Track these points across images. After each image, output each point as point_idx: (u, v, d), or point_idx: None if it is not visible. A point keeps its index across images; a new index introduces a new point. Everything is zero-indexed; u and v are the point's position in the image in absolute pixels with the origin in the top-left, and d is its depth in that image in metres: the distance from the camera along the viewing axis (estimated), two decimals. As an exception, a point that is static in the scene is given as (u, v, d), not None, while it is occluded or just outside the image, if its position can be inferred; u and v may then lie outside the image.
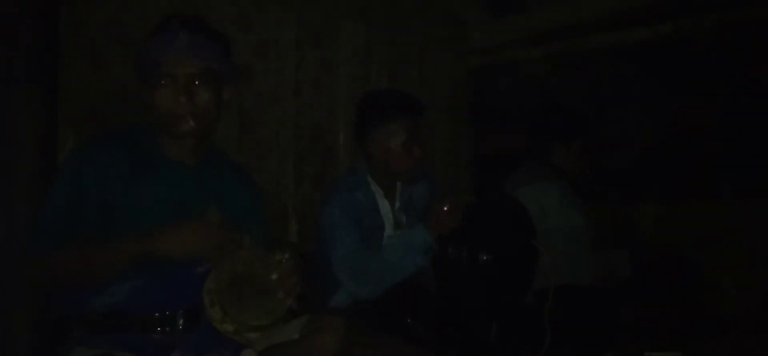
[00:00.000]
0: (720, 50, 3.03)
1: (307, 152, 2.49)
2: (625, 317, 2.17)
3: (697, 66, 3.12)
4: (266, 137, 2.37)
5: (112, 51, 1.86)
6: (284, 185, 2.41)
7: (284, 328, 1.42)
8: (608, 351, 2.02)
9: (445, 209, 1.81)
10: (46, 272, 1.35)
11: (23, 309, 1.65)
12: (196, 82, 1.43)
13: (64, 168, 1.43)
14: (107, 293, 1.36)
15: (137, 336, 1.35)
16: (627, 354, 2.06)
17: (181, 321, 1.39)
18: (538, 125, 2.60)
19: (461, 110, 3.21)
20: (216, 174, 1.55)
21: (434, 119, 2.87)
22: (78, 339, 1.35)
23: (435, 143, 2.96)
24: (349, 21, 2.67)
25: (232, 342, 1.36)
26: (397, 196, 2.05)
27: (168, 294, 1.39)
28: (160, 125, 1.47)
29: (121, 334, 1.35)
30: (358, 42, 2.70)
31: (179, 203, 1.45)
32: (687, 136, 3.28)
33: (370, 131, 1.96)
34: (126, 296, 1.37)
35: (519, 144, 2.86)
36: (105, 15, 1.87)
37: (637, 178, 3.38)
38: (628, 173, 3.39)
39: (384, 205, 2.01)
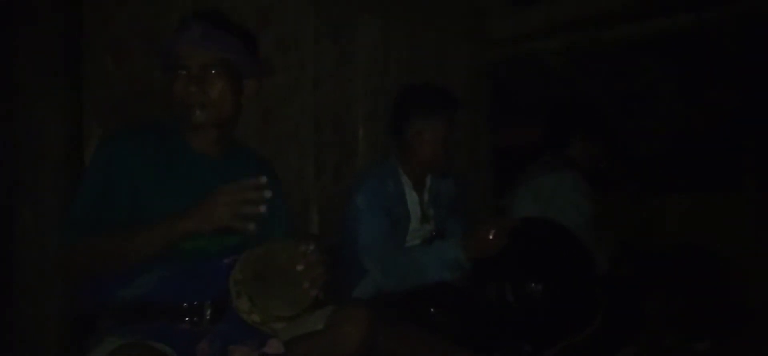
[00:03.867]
0: (744, 41, 2.99)
1: (327, 144, 2.50)
2: (650, 309, 2.15)
3: (720, 57, 3.08)
4: (286, 131, 2.37)
5: (135, 46, 1.87)
6: (305, 178, 2.42)
7: (309, 318, 1.43)
8: (629, 343, 2.00)
9: (490, 236, 1.74)
10: (77, 262, 1.36)
11: (51, 300, 1.67)
12: (209, 73, 1.45)
13: (95, 159, 1.45)
14: (136, 284, 1.38)
15: (165, 326, 1.37)
16: (653, 346, 2.04)
17: (208, 312, 1.41)
18: (555, 117, 2.59)
19: (480, 103, 3.20)
20: (240, 167, 1.56)
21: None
22: (106, 330, 1.37)
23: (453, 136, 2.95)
24: (367, 14, 2.66)
25: (259, 332, 1.37)
26: (425, 189, 2.05)
27: (195, 284, 1.41)
28: (180, 117, 1.49)
29: (149, 324, 1.36)
30: (376, 35, 2.70)
31: (204, 195, 1.45)
32: (710, 128, 3.24)
33: (410, 122, 1.98)
34: (154, 286, 1.38)
35: (538, 137, 2.84)
36: (128, 11, 1.88)
37: (660, 170, 3.35)
38: (652, 165, 3.35)
39: (412, 197, 2.02)
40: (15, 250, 1.64)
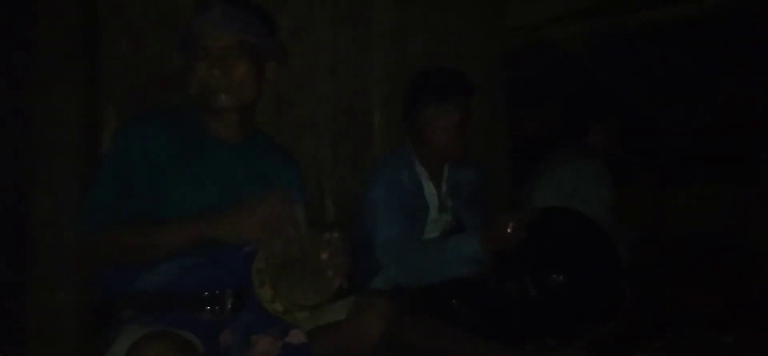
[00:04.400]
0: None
1: (343, 132, 2.45)
2: (673, 300, 2.10)
3: (745, 44, 3.01)
4: (302, 118, 2.33)
5: (150, 31, 1.84)
6: (321, 166, 2.38)
7: (332, 309, 1.40)
8: (655, 335, 1.96)
9: (509, 229, 1.70)
10: (96, 253, 1.34)
11: (67, 289, 1.65)
12: (231, 56, 1.41)
13: (113, 145, 1.42)
14: (156, 272, 1.35)
15: (186, 315, 1.34)
16: (676, 338, 2.00)
17: (229, 301, 1.38)
18: (574, 105, 2.54)
19: (497, 90, 3.14)
20: (261, 154, 1.53)
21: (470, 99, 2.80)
22: (127, 320, 1.34)
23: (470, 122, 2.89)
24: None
25: (281, 322, 1.34)
26: (443, 179, 2.00)
27: (217, 273, 1.38)
28: (199, 101, 1.45)
29: (171, 314, 1.33)
30: (392, 21, 2.65)
31: (226, 181, 1.43)
32: (734, 117, 3.18)
33: (422, 109, 1.92)
34: (175, 275, 1.36)
35: (554, 125, 2.80)
36: (142, -5, 1.84)
37: (680, 160, 3.29)
38: (671, 154, 3.30)
39: (429, 187, 1.97)
40: (31, 238, 1.61)
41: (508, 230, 1.71)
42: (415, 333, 1.54)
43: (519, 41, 3.24)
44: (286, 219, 1.28)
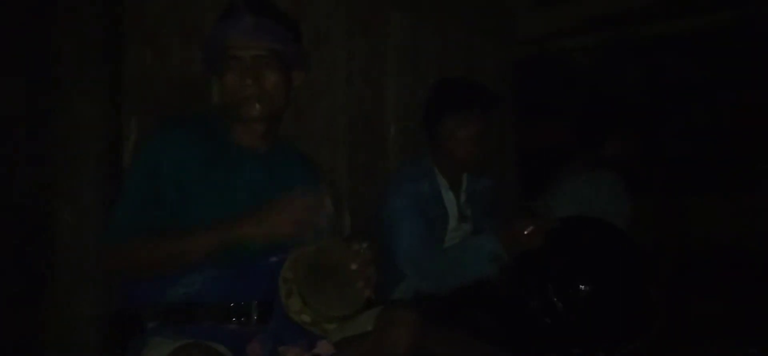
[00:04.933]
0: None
1: (359, 142, 2.45)
2: (696, 312, 2.10)
3: (752, 56, 3.02)
4: (319, 128, 2.33)
5: (173, 40, 1.84)
6: (337, 176, 2.37)
7: (359, 320, 1.39)
8: (678, 348, 1.95)
9: (526, 233, 1.71)
10: (125, 261, 1.33)
11: (89, 300, 1.63)
12: (263, 65, 1.41)
13: (140, 155, 1.42)
14: (181, 283, 1.35)
15: (212, 327, 1.33)
16: (700, 351, 1.98)
17: (255, 312, 1.37)
18: (591, 117, 2.54)
19: (508, 101, 3.15)
20: (286, 162, 1.53)
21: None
22: (152, 331, 1.34)
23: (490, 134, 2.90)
24: (398, 11, 2.62)
25: (308, 333, 1.33)
26: (462, 188, 2.00)
27: (242, 284, 1.37)
28: (228, 110, 1.45)
29: (196, 325, 1.33)
30: (407, 32, 2.66)
31: (252, 190, 1.43)
32: (743, 128, 3.19)
33: (444, 119, 1.92)
34: (200, 286, 1.35)
35: (567, 136, 2.80)
36: (164, 4, 1.85)
37: (689, 170, 3.30)
38: (680, 165, 3.30)
39: (449, 196, 1.97)
40: (54, 248, 1.60)
41: (526, 233, 1.71)
42: (441, 345, 1.53)
43: (528, 53, 3.25)
44: (316, 211, 1.26)
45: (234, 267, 1.36)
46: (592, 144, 2.48)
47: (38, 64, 1.57)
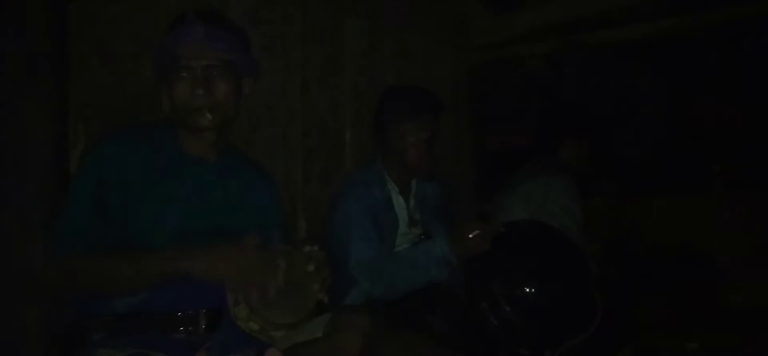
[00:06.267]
0: (722, 45, 3.05)
1: (315, 149, 2.47)
2: (640, 309, 2.17)
3: (699, 62, 3.14)
4: (274, 135, 2.33)
5: (122, 48, 1.82)
6: (293, 183, 2.38)
7: (308, 326, 1.40)
8: (626, 345, 2.02)
9: (470, 236, 1.75)
10: (69, 278, 1.31)
11: (35, 313, 1.60)
12: (214, 75, 1.41)
13: (83, 166, 1.40)
14: (128, 293, 1.33)
15: (160, 336, 1.32)
16: (644, 347, 2.05)
17: (204, 320, 1.37)
18: (547, 122, 2.60)
19: (464, 107, 3.20)
20: (236, 171, 1.53)
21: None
22: (98, 343, 1.32)
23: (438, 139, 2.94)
24: (354, 17, 2.64)
25: (257, 341, 1.33)
26: (411, 193, 2.03)
27: (190, 292, 1.36)
28: (178, 120, 1.44)
29: (143, 335, 1.31)
30: (363, 39, 2.68)
31: (202, 200, 1.43)
32: (688, 131, 3.31)
33: (394, 126, 1.95)
34: (147, 296, 1.33)
35: (522, 141, 2.86)
36: (114, 12, 1.83)
37: (639, 173, 3.40)
38: (630, 168, 3.40)
39: (399, 201, 2.00)
40: (-4, 259, 1.57)
41: (471, 236, 1.74)
42: (392, 349, 1.55)
43: (485, 59, 3.31)
44: (263, 266, 1.26)
45: (181, 276, 1.35)
46: (547, 148, 2.54)
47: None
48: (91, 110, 1.72)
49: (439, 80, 3.00)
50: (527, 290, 1.72)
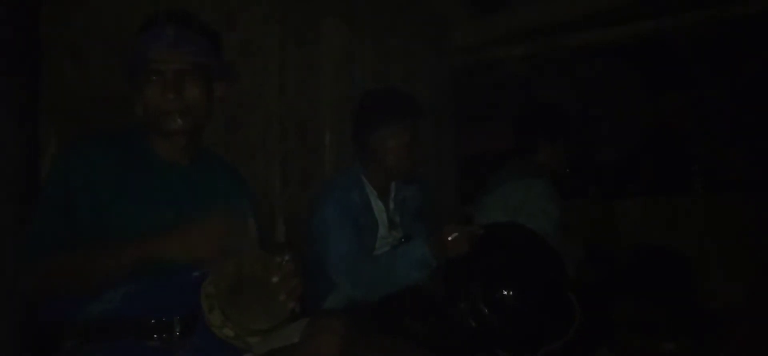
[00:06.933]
0: (700, 48, 3.09)
1: (293, 152, 2.45)
2: (617, 310, 2.18)
3: (677, 64, 3.18)
4: (252, 138, 2.32)
5: (94, 51, 1.79)
6: (271, 186, 2.37)
7: (284, 331, 1.38)
8: (602, 345, 2.03)
9: (449, 239, 1.74)
10: (41, 281, 1.28)
11: (6, 320, 1.57)
12: (185, 78, 1.39)
13: (54, 171, 1.37)
14: (101, 299, 1.31)
15: (133, 344, 1.30)
16: (620, 347, 2.07)
17: (178, 327, 1.34)
18: (525, 124, 2.60)
19: (444, 109, 3.21)
20: (209, 174, 1.51)
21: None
22: (70, 350, 1.29)
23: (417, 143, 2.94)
24: (333, 20, 2.63)
25: (232, 347, 1.32)
26: (391, 197, 2.03)
27: (164, 299, 1.34)
28: (149, 124, 1.42)
29: (116, 342, 1.29)
30: (341, 41, 2.67)
31: (173, 204, 1.40)
32: (666, 133, 3.34)
33: (372, 129, 1.94)
34: (120, 302, 1.31)
35: (502, 143, 2.86)
36: (86, 14, 1.80)
37: (616, 175, 3.43)
38: (608, 170, 3.43)
39: (378, 205, 1.99)
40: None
41: (450, 239, 1.74)
42: (371, 352, 1.54)
43: (464, 62, 3.32)
44: (238, 236, 1.25)
45: (155, 282, 1.33)
46: (527, 150, 2.54)
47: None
48: (62, 112, 1.69)
49: (420, 83, 3.00)
50: (505, 292, 1.72)
